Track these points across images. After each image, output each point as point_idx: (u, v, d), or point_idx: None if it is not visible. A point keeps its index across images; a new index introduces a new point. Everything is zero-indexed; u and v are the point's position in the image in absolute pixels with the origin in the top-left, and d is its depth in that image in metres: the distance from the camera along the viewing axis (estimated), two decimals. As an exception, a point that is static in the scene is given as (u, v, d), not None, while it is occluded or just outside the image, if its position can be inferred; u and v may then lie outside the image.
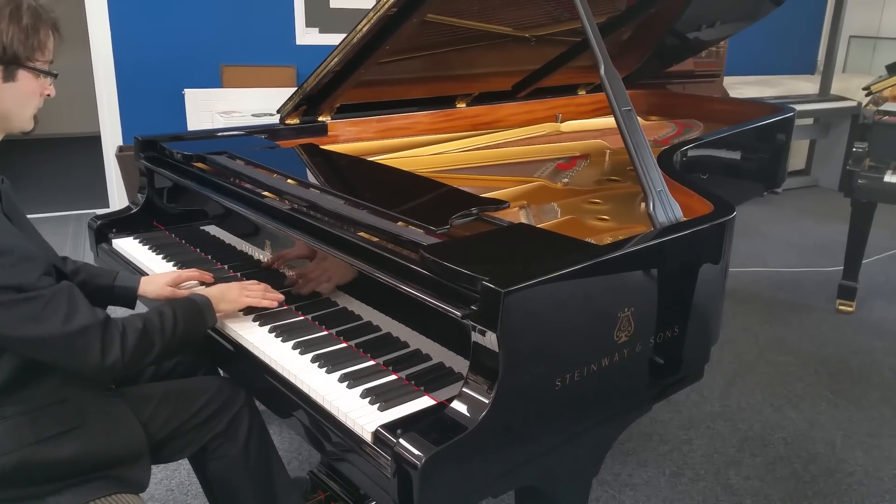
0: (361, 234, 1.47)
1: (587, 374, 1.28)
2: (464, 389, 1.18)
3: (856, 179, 3.33)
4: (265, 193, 1.75)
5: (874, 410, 2.76)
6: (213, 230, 1.95)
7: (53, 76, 1.34)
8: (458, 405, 1.17)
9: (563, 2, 2.41)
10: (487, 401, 1.14)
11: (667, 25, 2.90)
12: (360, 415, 1.23)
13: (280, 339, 1.49)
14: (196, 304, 1.47)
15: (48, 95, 1.35)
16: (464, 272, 1.20)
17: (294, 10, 4.76)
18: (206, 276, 1.72)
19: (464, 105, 2.74)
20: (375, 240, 1.44)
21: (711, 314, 1.59)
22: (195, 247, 2.01)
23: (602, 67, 1.58)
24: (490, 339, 1.15)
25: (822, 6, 6.71)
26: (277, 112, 2.35)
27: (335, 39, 2.15)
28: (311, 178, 1.86)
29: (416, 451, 1.09)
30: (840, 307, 3.67)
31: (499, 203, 1.57)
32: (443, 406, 1.21)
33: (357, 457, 1.21)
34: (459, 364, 1.30)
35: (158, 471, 2.24)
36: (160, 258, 1.94)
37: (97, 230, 2.13)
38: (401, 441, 1.11)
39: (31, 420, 1.30)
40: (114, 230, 2.12)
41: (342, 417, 1.25)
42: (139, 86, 4.46)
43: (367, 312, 1.49)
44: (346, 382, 1.32)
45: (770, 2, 2.99)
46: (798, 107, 3.17)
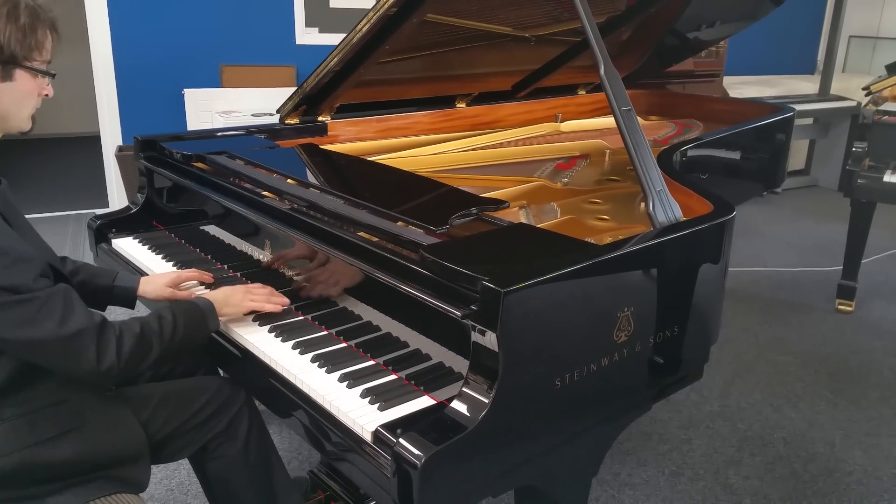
0: (361, 234, 1.47)
1: (587, 374, 1.28)
2: (464, 389, 1.18)
3: (855, 179, 3.33)
4: (265, 193, 1.75)
5: (873, 410, 2.76)
6: (213, 230, 1.95)
7: (51, 76, 1.33)
8: (458, 405, 1.17)
9: (563, 2, 2.40)
10: (487, 400, 1.14)
11: (667, 25, 2.90)
12: (360, 414, 1.23)
13: (280, 339, 1.49)
14: (198, 309, 1.46)
15: (46, 95, 1.34)
16: (464, 272, 1.21)
17: (294, 10, 4.76)
18: (206, 277, 1.72)
19: (463, 105, 2.74)
20: (375, 240, 1.44)
21: (711, 314, 1.59)
22: (195, 247, 2.01)
23: (602, 67, 1.58)
24: (490, 339, 1.15)
25: (822, 6, 6.71)
26: (277, 112, 2.35)
27: (335, 39, 2.15)
28: (311, 178, 1.86)
29: (416, 451, 1.09)
30: (839, 307, 3.67)
31: (498, 203, 1.57)
32: (443, 406, 1.21)
33: (357, 456, 1.21)
34: (459, 364, 1.30)
35: (158, 471, 2.24)
36: (160, 258, 1.94)
37: (97, 230, 2.13)
38: (401, 441, 1.12)
39: (30, 422, 1.29)
40: (113, 230, 2.12)
41: (342, 417, 1.25)
42: (139, 85, 4.46)
43: (367, 312, 1.49)
44: (346, 382, 1.32)
45: (770, 2, 2.99)
46: (798, 107, 3.17)
